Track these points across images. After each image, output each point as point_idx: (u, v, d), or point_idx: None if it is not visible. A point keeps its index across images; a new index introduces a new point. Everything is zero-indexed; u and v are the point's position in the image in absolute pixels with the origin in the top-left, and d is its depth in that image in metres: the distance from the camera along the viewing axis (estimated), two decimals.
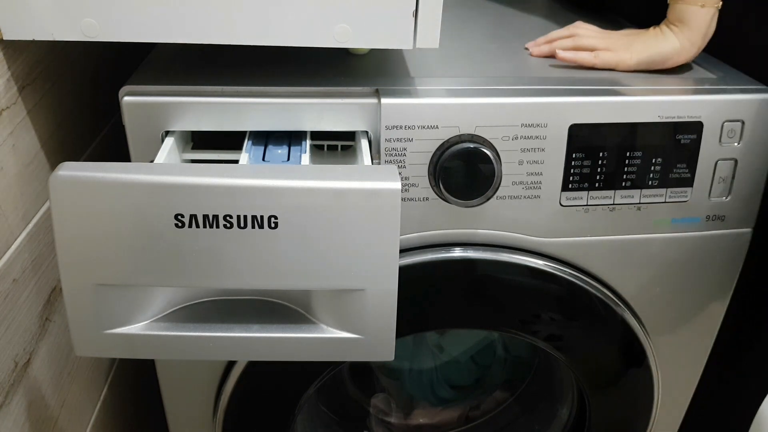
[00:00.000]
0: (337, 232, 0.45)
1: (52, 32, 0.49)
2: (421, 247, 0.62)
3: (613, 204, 0.62)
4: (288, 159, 0.55)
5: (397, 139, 0.57)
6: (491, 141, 0.58)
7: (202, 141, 0.59)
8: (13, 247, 0.52)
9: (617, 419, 0.76)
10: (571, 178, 0.60)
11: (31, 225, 0.55)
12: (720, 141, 0.61)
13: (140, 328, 0.48)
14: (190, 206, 0.44)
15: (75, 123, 0.64)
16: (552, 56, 0.68)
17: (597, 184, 0.61)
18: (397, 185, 0.45)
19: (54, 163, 0.59)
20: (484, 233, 0.62)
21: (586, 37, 0.67)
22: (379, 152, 0.57)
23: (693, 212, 0.64)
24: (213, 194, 0.44)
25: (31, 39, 0.49)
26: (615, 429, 0.76)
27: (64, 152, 0.62)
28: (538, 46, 0.70)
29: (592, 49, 0.66)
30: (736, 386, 0.80)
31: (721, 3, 0.61)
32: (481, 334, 0.95)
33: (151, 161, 0.53)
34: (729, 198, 0.64)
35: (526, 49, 0.71)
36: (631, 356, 0.70)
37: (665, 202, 0.63)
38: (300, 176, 0.45)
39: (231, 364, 0.66)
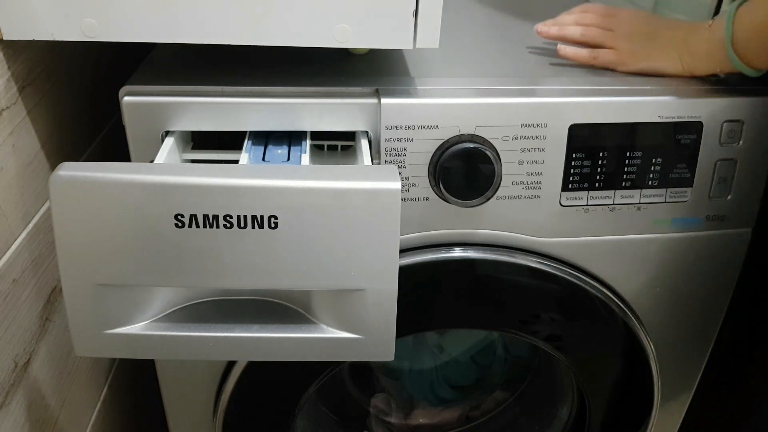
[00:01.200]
0: (337, 232, 0.45)
1: (52, 32, 0.49)
2: (421, 247, 0.62)
3: (613, 204, 0.62)
4: (288, 159, 0.55)
5: (397, 139, 0.57)
6: (491, 141, 0.58)
7: (202, 141, 0.59)
8: (13, 247, 0.52)
9: (617, 419, 0.76)
10: (571, 178, 0.60)
11: (31, 225, 0.55)
12: (720, 141, 0.61)
13: (140, 328, 0.48)
14: (190, 206, 0.44)
15: (75, 123, 0.64)
16: (558, 38, 0.67)
17: (597, 184, 0.61)
18: (397, 185, 0.45)
19: (54, 163, 0.59)
20: (484, 233, 0.62)
21: (595, 32, 0.66)
22: (379, 152, 0.57)
23: (693, 212, 0.64)
24: (213, 194, 0.44)
25: (31, 39, 0.49)
26: (615, 429, 0.76)
27: (64, 152, 0.62)
28: (547, 27, 0.68)
29: (600, 46, 0.65)
30: (736, 386, 0.80)
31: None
32: (481, 334, 0.95)
33: (151, 161, 0.53)
34: (729, 198, 0.64)
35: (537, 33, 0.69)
36: (631, 356, 0.70)
37: (665, 202, 0.63)
38: (300, 176, 0.45)
39: (231, 364, 0.66)
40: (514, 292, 0.65)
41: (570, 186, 0.61)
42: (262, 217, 0.44)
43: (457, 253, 0.62)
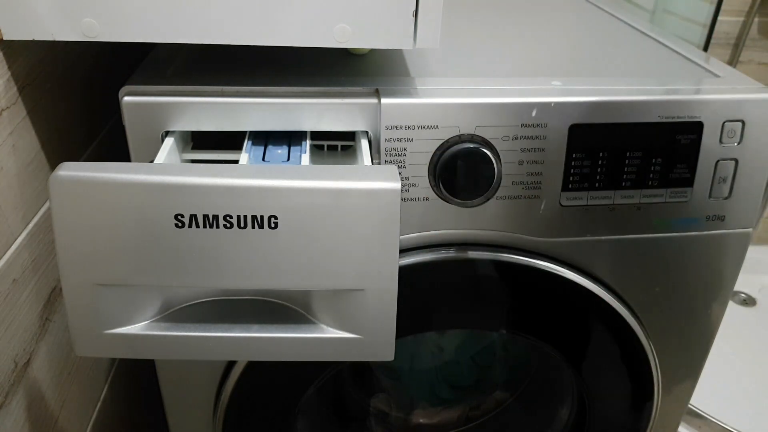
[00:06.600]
0: (337, 232, 0.45)
1: (52, 32, 0.49)
2: (421, 247, 0.62)
3: (613, 204, 0.62)
4: (288, 159, 0.55)
5: (397, 139, 0.57)
6: (491, 141, 0.58)
7: (202, 141, 0.59)
8: (13, 247, 0.52)
9: (617, 419, 0.76)
10: (571, 178, 0.60)
11: (31, 225, 0.55)
12: (720, 141, 0.61)
13: (140, 328, 0.48)
14: (190, 206, 0.44)
15: (75, 123, 0.64)
16: None
17: (597, 184, 0.61)
18: (397, 185, 0.45)
19: (54, 163, 0.59)
20: (484, 233, 0.62)
21: None
22: (379, 152, 0.57)
23: (693, 212, 0.64)
24: (213, 194, 0.44)
25: (31, 39, 0.49)
26: (615, 429, 0.76)
27: (64, 152, 0.62)
28: None
29: None
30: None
31: None
32: (481, 334, 0.95)
33: (151, 161, 0.53)
34: (729, 198, 0.64)
35: None
36: (631, 356, 0.70)
37: (665, 202, 0.63)
38: (300, 176, 0.45)
39: (231, 364, 0.66)
40: (514, 292, 0.65)
41: (570, 186, 0.61)
42: (262, 217, 0.44)
43: (457, 253, 0.62)
